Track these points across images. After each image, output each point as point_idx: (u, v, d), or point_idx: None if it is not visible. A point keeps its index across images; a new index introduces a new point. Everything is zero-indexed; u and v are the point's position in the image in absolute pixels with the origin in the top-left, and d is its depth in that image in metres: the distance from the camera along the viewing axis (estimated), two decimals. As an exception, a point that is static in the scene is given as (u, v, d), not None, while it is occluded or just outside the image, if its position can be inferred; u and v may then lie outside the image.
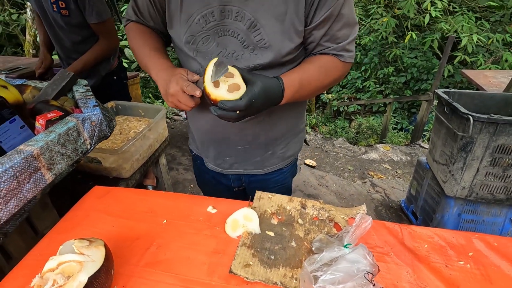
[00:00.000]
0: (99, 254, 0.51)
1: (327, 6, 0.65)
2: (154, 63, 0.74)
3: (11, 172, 0.65)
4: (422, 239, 0.67)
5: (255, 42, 0.68)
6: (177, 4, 0.69)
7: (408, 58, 6.58)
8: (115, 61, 1.71)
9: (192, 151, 1.04)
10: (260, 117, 0.80)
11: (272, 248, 0.63)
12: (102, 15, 1.45)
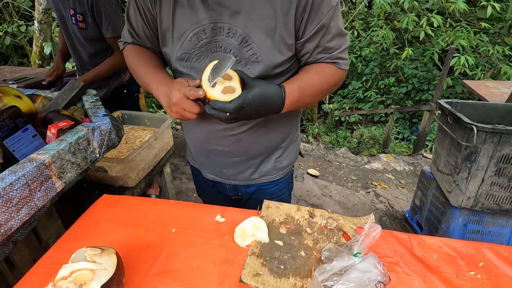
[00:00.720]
0: (111, 262, 0.51)
1: (317, 20, 0.67)
2: (153, 79, 0.75)
3: (23, 180, 0.66)
4: (431, 249, 0.67)
5: (247, 57, 0.70)
6: (168, 23, 0.71)
7: (409, 69, 6.65)
8: (126, 75, 1.74)
9: (189, 162, 1.05)
10: (255, 127, 0.81)
11: (281, 258, 0.63)
12: (118, 29, 1.47)
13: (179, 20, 0.70)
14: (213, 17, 0.67)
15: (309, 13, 0.66)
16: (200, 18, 0.68)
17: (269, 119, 0.81)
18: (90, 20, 1.45)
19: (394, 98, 6.86)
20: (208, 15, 0.68)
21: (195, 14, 0.68)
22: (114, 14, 1.45)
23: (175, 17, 0.70)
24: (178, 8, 0.69)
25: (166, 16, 0.71)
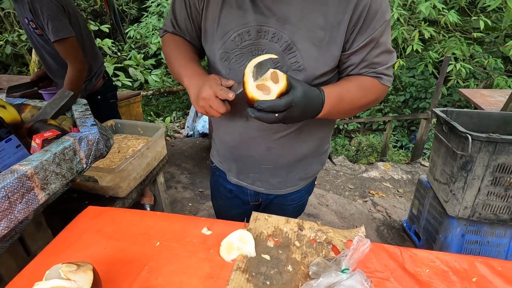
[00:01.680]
0: (87, 279, 0.49)
1: (368, 33, 0.66)
2: (187, 70, 0.74)
3: (3, 193, 0.64)
4: (423, 263, 0.64)
5: (289, 64, 0.69)
6: (214, 20, 0.70)
7: (406, 78, 6.69)
8: (98, 81, 1.73)
9: (212, 162, 1.03)
10: (287, 137, 0.80)
11: (267, 273, 0.61)
12: (60, 33, 1.41)
13: (225, 18, 0.70)
14: (260, 20, 0.67)
15: (361, 26, 0.65)
16: (247, 20, 0.68)
17: (302, 130, 0.80)
18: (40, 26, 1.42)
19: (392, 106, 6.88)
20: (255, 18, 0.67)
21: (242, 15, 0.68)
22: (54, 17, 1.39)
23: (222, 15, 0.70)
24: (225, 7, 0.69)
25: (212, 13, 0.71)
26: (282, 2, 0.65)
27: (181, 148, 3.42)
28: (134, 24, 7.64)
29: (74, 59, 1.51)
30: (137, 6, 9.05)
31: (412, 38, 4.70)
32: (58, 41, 1.43)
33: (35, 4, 1.36)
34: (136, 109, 3.16)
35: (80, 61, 1.53)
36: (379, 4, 0.64)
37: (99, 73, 1.73)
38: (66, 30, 1.44)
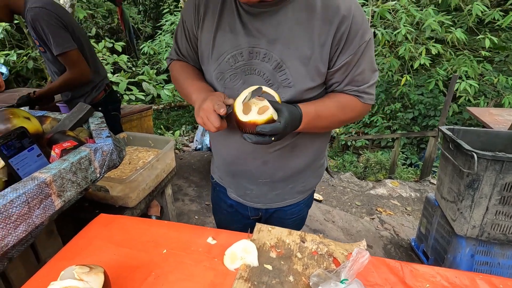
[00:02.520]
0: (98, 281, 0.52)
1: (350, 52, 0.70)
2: (194, 88, 0.80)
3: (23, 198, 0.69)
4: (424, 278, 0.65)
5: (279, 81, 0.73)
6: (209, 43, 0.76)
7: (415, 95, 6.69)
8: (99, 94, 1.78)
9: (213, 178, 1.07)
10: (281, 151, 0.84)
11: (269, 282, 0.63)
12: (62, 46, 1.48)
13: (219, 42, 0.75)
14: (251, 42, 0.72)
15: (343, 45, 0.70)
16: (239, 42, 0.73)
17: (296, 144, 0.84)
18: (43, 43, 1.50)
19: (401, 124, 6.86)
20: (247, 40, 0.73)
21: (235, 38, 0.73)
22: (55, 32, 1.45)
23: (216, 38, 0.75)
24: (219, 31, 0.75)
25: (207, 37, 0.77)
26: (271, 24, 0.71)
27: (189, 161, 3.47)
28: (148, 41, 7.95)
29: (78, 70, 1.57)
30: (152, 24, 9.44)
31: (419, 54, 4.74)
32: (61, 54, 1.50)
33: (35, 23, 1.43)
34: (147, 122, 3.25)
35: (82, 71, 1.59)
36: (359, 26, 0.69)
37: (100, 86, 1.79)
38: (68, 43, 1.50)
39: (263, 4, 0.70)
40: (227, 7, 0.74)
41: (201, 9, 0.77)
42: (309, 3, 0.69)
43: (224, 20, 0.75)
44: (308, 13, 0.69)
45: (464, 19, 5.88)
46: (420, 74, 6.83)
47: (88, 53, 1.72)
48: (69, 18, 1.56)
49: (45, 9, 1.44)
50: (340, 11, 0.67)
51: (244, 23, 0.73)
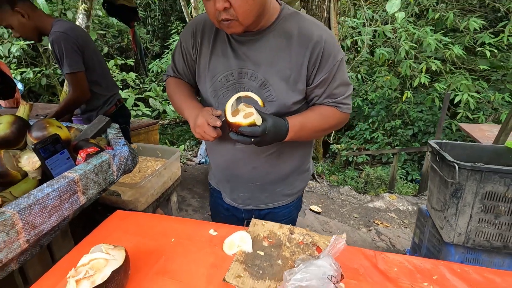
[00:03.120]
0: (121, 255, 0.64)
1: (325, 71, 0.84)
2: (187, 105, 0.94)
3: (57, 192, 0.82)
4: (393, 263, 0.76)
5: (264, 97, 0.87)
6: (205, 66, 0.91)
7: (414, 112, 6.84)
8: (110, 108, 1.93)
9: (210, 184, 1.20)
10: (269, 157, 0.96)
11: (261, 265, 0.74)
12: (71, 67, 1.64)
13: (214, 65, 0.90)
14: (240, 64, 0.87)
15: (318, 66, 0.84)
16: (230, 64, 0.88)
17: (283, 151, 0.97)
18: (59, 62, 1.68)
19: (401, 140, 6.96)
20: (236, 63, 0.87)
21: (227, 61, 0.88)
22: (69, 52, 1.62)
23: (211, 62, 0.90)
24: (213, 55, 0.90)
25: (204, 61, 0.92)
26: (256, 49, 0.85)
27: (193, 173, 3.60)
28: (156, 60, 8.28)
29: (80, 90, 1.73)
30: (160, 43, 9.84)
31: (420, 71, 4.91)
32: (69, 73, 1.67)
33: (54, 45, 1.63)
34: (154, 136, 3.42)
35: (83, 92, 1.74)
36: (331, 49, 0.83)
37: (111, 101, 1.96)
38: (77, 65, 1.67)
39: (248, 33, 0.85)
40: (219, 36, 0.90)
41: (198, 37, 0.92)
42: (287, 32, 0.84)
43: (217, 47, 0.90)
44: (286, 39, 0.84)
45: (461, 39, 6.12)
46: (419, 92, 7.01)
47: (101, 71, 1.89)
48: (85, 41, 1.75)
49: (65, 34, 1.63)
50: (313, 37, 0.82)
51: (233, 49, 0.88)
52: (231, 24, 0.76)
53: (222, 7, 0.72)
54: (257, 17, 0.78)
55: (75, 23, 1.90)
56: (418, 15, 6.73)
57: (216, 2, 0.72)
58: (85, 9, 4.41)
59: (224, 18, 0.75)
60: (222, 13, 0.74)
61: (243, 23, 0.76)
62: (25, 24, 1.59)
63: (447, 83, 5.37)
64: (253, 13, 0.76)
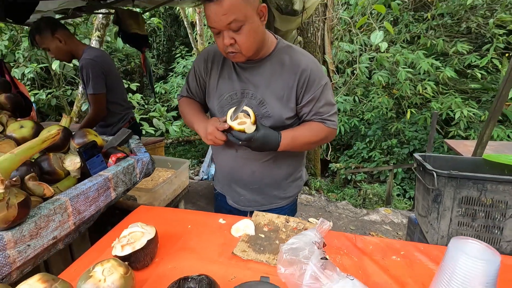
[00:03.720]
0: (153, 230, 0.82)
1: (311, 92, 1.05)
2: (197, 119, 1.14)
3: (96, 186, 1.01)
4: (369, 243, 0.93)
5: (262, 113, 1.07)
6: (214, 86, 1.13)
7: (409, 131, 7.08)
8: (124, 124, 2.16)
9: (216, 189, 1.38)
10: (266, 163, 1.15)
11: (262, 243, 0.92)
12: (94, 88, 1.89)
13: (221, 86, 1.12)
14: (243, 86, 1.08)
15: (305, 88, 1.04)
16: (234, 86, 1.09)
17: (277, 158, 1.15)
18: (84, 83, 1.93)
19: (398, 159, 7.15)
20: (240, 85, 1.09)
21: (232, 83, 1.10)
22: (94, 77, 1.87)
23: (219, 83, 1.12)
24: (221, 78, 1.12)
25: (213, 82, 1.13)
26: (256, 74, 1.07)
27: (197, 189, 3.76)
28: (160, 82, 8.66)
29: (98, 109, 1.96)
30: (164, 67, 10.29)
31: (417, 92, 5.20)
32: (92, 94, 1.92)
33: (83, 69, 1.89)
34: (160, 153, 3.62)
35: (101, 110, 1.97)
36: (316, 75, 1.04)
37: (125, 118, 2.18)
38: (100, 88, 1.92)
39: (249, 61, 1.07)
40: (226, 63, 1.12)
41: (209, 63, 1.15)
42: (281, 61, 1.06)
43: (225, 71, 1.12)
44: (280, 66, 1.05)
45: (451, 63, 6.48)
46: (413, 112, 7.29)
47: (119, 91, 2.13)
48: (109, 66, 2.00)
49: (94, 60, 1.88)
50: (301, 66, 1.03)
51: (238, 73, 1.10)
52: (236, 55, 0.98)
53: (228, 43, 0.94)
54: (256, 50, 1.01)
55: (103, 50, 2.18)
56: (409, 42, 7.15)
57: (224, 39, 0.94)
58: (99, 35, 4.79)
59: (230, 51, 0.97)
60: (229, 47, 0.96)
61: (245, 55, 0.98)
62: (61, 48, 1.85)
63: (439, 103, 5.65)
64: (253, 48, 0.98)
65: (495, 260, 0.47)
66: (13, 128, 1.07)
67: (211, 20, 0.90)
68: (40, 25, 1.85)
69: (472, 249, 0.49)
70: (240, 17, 0.89)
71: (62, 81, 6.61)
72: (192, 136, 7.56)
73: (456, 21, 6.31)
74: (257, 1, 0.94)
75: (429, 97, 5.45)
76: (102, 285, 0.62)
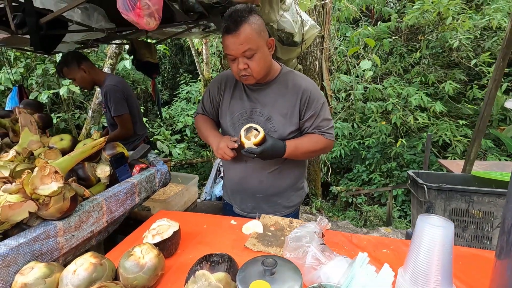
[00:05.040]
0: (177, 225, 0.97)
1: (312, 110, 1.23)
2: (211, 134, 1.32)
3: (124, 191, 1.16)
4: (364, 239, 1.07)
5: (269, 128, 1.25)
6: (227, 106, 1.31)
7: (408, 155, 7.24)
8: (139, 143, 2.32)
9: (224, 200, 1.52)
10: (273, 173, 1.30)
11: (269, 239, 1.05)
12: (118, 111, 2.11)
13: (233, 105, 1.30)
14: (252, 105, 1.26)
15: (306, 106, 1.23)
16: (244, 105, 1.27)
17: (282, 169, 1.30)
18: (106, 106, 2.14)
19: (398, 181, 7.24)
20: (249, 104, 1.27)
21: (242, 103, 1.28)
22: (116, 101, 2.10)
23: (231, 103, 1.30)
24: (233, 99, 1.30)
25: (226, 102, 1.32)
26: (263, 95, 1.25)
27: (201, 208, 3.85)
28: (165, 107, 8.98)
29: (126, 128, 2.18)
30: (169, 92, 10.70)
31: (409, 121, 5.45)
32: (116, 116, 2.14)
33: (107, 94, 2.12)
34: (167, 172, 3.76)
35: (128, 129, 2.20)
36: (315, 95, 1.23)
37: (141, 137, 2.38)
38: (123, 109, 2.15)
39: (257, 84, 1.26)
40: (237, 85, 1.31)
41: (222, 86, 1.34)
42: (284, 83, 1.25)
43: (236, 93, 1.31)
44: (284, 88, 1.24)
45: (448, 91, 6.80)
46: (411, 137, 7.50)
47: (137, 114, 2.34)
48: (129, 91, 2.23)
49: (116, 86, 2.11)
50: (302, 87, 1.23)
51: (247, 94, 1.28)
52: (248, 78, 1.18)
53: (242, 68, 1.14)
54: (264, 74, 1.21)
55: (122, 77, 2.48)
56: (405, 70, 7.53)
57: (239, 64, 1.14)
58: (111, 63, 5.12)
59: (243, 74, 1.17)
60: (242, 71, 1.16)
61: (256, 78, 1.18)
62: (86, 78, 2.07)
63: (435, 129, 5.88)
64: (262, 72, 1.18)
65: (449, 226, 0.61)
66: (54, 140, 1.24)
67: (229, 49, 1.11)
68: (68, 58, 2.10)
69: (434, 220, 0.64)
70: (253, 46, 1.09)
71: (72, 105, 6.90)
72: (195, 159, 7.73)
73: (447, 52, 6.70)
74: (267, 35, 1.15)
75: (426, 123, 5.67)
76: (141, 261, 0.75)
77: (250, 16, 1.08)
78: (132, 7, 0.72)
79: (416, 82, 6.68)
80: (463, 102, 6.73)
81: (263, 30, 1.12)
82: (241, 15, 1.06)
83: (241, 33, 1.06)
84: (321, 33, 3.71)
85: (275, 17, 2.03)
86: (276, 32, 2.27)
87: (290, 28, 2.26)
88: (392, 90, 5.97)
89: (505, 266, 0.59)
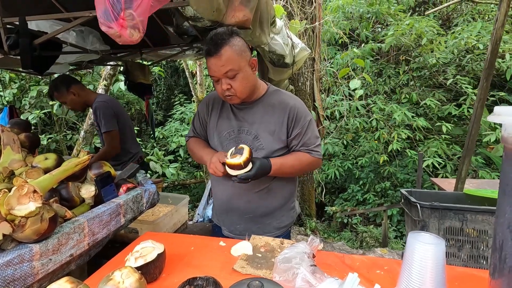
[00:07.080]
0: (162, 247, 0.92)
1: (299, 128, 1.23)
2: (205, 152, 1.30)
3: (108, 211, 1.12)
4: (357, 260, 1.03)
5: (256, 146, 1.24)
6: (214, 125, 1.31)
7: (401, 174, 7.27)
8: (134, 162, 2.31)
9: (212, 221, 1.47)
10: (261, 192, 1.28)
11: (259, 261, 1.01)
12: (107, 127, 2.09)
13: (220, 124, 1.29)
14: (239, 124, 1.26)
15: (293, 124, 1.23)
16: (232, 124, 1.27)
17: (271, 188, 1.28)
18: (96, 122, 2.12)
19: (392, 201, 7.21)
20: (236, 123, 1.27)
21: (229, 122, 1.28)
22: (106, 116, 2.09)
23: (218, 123, 1.30)
24: (220, 118, 1.30)
25: (213, 122, 1.31)
26: (250, 114, 1.26)
27: (192, 230, 3.74)
28: (159, 127, 8.98)
29: (112, 145, 2.14)
30: (163, 113, 10.74)
31: (392, 139, 5.52)
32: (105, 132, 2.11)
33: (96, 110, 2.11)
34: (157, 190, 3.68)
35: (114, 147, 2.16)
36: (302, 112, 1.23)
37: (135, 157, 2.35)
38: (112, 125, 2.13)
39: (244, 103, 1.26)
40: (225, 105, 1.32)
41: (210, 106, 1.35)
42: (271, 101, 1.26)
43: (224, 112, 1.31)
44: (271, 107, 1.25)
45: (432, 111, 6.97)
46: (404, 156, 7.57)
47: (129, 132, 2.32)
48: (120, 110, 2.22)
49: (105, 102, 2.10)
50: (289, 105, 1.23)
51: (235, 113, 1.29)
52: (232, 98, 1.19)
53: (226, 88, 1.15)
54: (249, 94, 1.22)
55: (112, 97, 2.51)
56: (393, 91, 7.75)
57: (222, 85, 1.15)
58: (105, 84, 5.15)
59: (227, 94, 1.17)
60: (226, 91, 1.16)
61: (239, 97, 1.19)
62: (76, 100, 2.07)
63: (424, 147, 5.96)
64: (246, 92, 1.19)
65: (440, 243, 0.59)
66: (38, 159, 1.21)
67: (211, 70, 1.12)
68: (56, 83, 2.11)
69: (424, 238, 0.62)
70: (235, 67, 1.11)
71: (64, 126, 6.85)
72: (188, 179, 7.62)
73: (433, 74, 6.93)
74: (249, 55, 1.17)
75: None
76: (121, 286, 0.71)
77: (230, 38, 1.10)
78: (115, 18, 0.73)
79: (406, 103, 6.85)
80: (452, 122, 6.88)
81: (244, 50, 1.14)
82: (221, 38, 1.09)
83: (222, 55, 1.08)
84: (312, 55, 3.82)
85: (266, 40, 2.09)
86: (268, 54, 2.32)
87: (281, 50, 2.32)
88: (375, 107, 6.13)
89: (500, 285, 0.56)
